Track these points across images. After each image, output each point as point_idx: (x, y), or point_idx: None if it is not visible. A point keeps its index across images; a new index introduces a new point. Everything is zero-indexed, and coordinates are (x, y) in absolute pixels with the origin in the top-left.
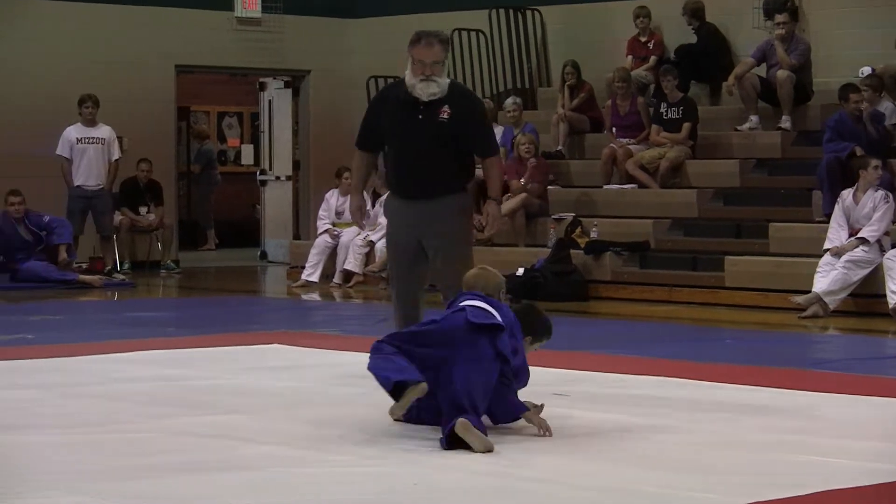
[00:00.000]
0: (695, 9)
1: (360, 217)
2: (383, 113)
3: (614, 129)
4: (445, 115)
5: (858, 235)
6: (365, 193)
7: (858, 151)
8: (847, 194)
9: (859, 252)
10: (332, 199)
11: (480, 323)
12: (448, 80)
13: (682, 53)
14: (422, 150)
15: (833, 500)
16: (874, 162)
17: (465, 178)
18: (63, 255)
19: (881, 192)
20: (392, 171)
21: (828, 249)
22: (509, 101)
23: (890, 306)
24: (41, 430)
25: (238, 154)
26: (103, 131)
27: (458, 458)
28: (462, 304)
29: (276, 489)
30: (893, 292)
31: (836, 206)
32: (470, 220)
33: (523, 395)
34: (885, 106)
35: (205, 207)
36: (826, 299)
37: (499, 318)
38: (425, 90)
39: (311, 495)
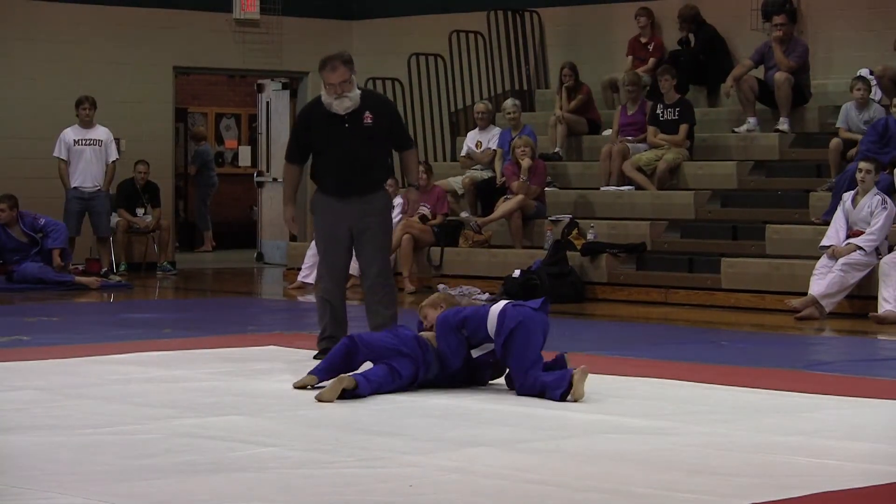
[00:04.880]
0: (690, 15)
1: (294, 224)
2: (311, 129)
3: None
4: (369, 121)
5: (856, 242)
6: None
7: None
8: (848, 196)
9: (856, 255)
10: None
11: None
12: (359, 92)
13: (680, 55)
14: (355, 154)
15: (830, 502)
16: (864, 166)
17: (386, 177)
18: (57, 259)
19: (878, 198)
20: (326, 175)
21: (824, 247)
22: (509, 102)
23: (879, 312)
24: (37, 431)
25: (235, 155)
26: (100, 133)
27: (456, 459)
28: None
29: (275, 490)
30: (885, 300)
31: (839, 208)
32: (390, 213)
33: None
34: (874, 108)
35: (202, 209)
36: (822, 302)
37: None
38: (340, 106)
39: (309, 496)
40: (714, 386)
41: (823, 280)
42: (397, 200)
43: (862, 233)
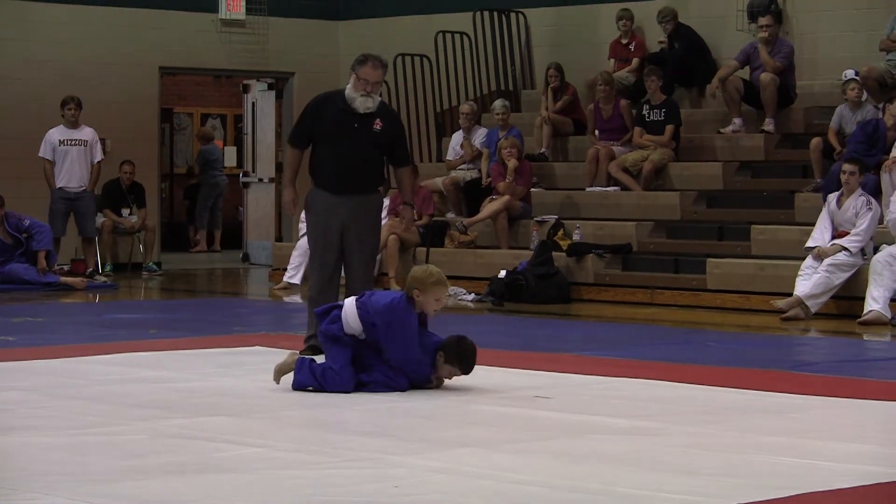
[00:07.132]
0: (673, 14)
1: (293, 207)
2: (321, 118)
3: (597, 132)
4: (378, 127)
5: (841, 242)
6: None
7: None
8: (833, 198)
9: (841, 256)
10: None
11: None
12: (379, 99)
13: (665, 56)
14: (356, 154)
15: (816, 502)
16: (848, 167)
17: (381, 183)
18: (42, 262)
19: (864, 199)
20: (325, 169)
21: (810, 248)
22: (498, 103)
23: (864, 315)
24: (24, 432)
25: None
26: (86, 133)
27: (442, 459)
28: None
29: (261, 491)
30: (874, 299)
31: (824, 208)
32: (380, 215)
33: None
34: (868, 109)
35: (202, 210)
36: (808, 302)
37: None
38: (363, 104)
39: (295, 497)
40: (700, 386)
41: (809, 281)
42: (384, 201)
43: (847, 234)
